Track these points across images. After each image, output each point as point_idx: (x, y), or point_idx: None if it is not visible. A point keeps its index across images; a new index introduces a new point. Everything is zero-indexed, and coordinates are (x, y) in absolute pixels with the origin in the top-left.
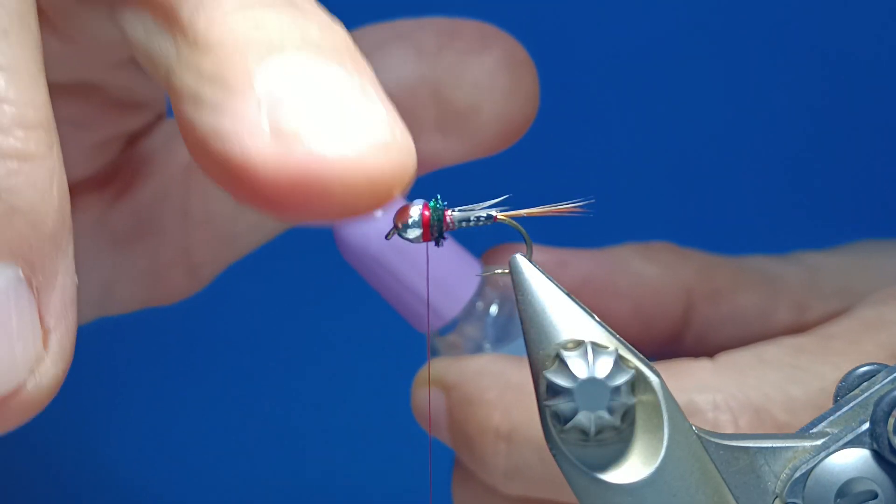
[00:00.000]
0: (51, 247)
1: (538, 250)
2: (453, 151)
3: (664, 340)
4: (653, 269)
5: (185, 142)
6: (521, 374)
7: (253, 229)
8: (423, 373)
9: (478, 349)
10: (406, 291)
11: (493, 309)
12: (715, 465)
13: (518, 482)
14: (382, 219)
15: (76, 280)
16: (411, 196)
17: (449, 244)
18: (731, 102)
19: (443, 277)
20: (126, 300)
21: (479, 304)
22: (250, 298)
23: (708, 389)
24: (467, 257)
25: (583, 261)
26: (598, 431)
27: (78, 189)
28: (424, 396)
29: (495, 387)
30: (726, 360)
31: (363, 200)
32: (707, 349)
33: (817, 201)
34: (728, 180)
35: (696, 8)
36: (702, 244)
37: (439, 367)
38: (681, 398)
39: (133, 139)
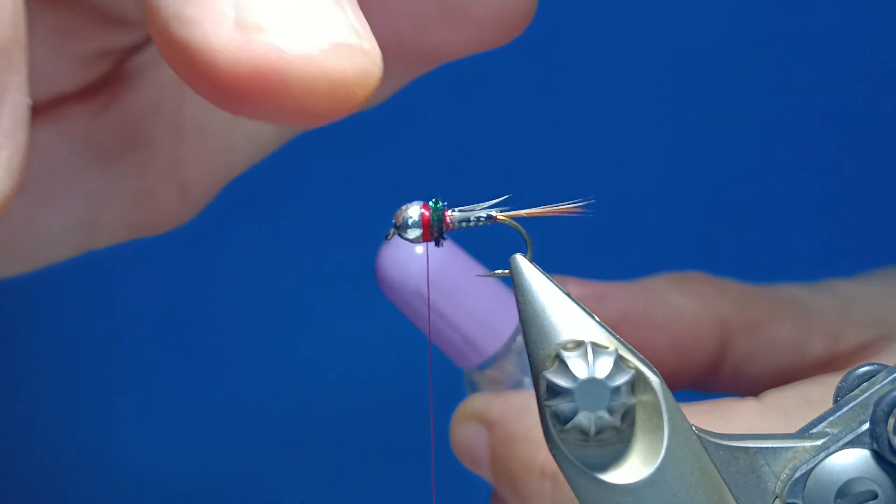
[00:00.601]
0: (1, 61)
1: (576, 283)
2: (458, 43)
3: (701, 372)
4: (690, 302)
5: (150, 28)
6: None
7: (247, 141)
8: (463, 408)
9: (517, 385)
10: (447, 327)
11: None
12: (715, 465)
13: None
14: (423, 255)
15: (30, 102)
16: (412, 197)
17: (490, 281)
18: (751, 119)
19: (483, 313)
20: (114, 225)
21: (519, 340)
22: (271, 306)
23: (756, 431)
24: (508, 293)
25: (621, 294)
26: (598, 431)
27: (64, 102)
28: (465, 432)
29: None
30: (772, 401)
31: (322, 102)
32: (743, 380)
33: (842, 225)
34: (734, 192)
35: (723, 18)
36: (705, 246)
37: (481, 402)
38: None
39: (122, 57)
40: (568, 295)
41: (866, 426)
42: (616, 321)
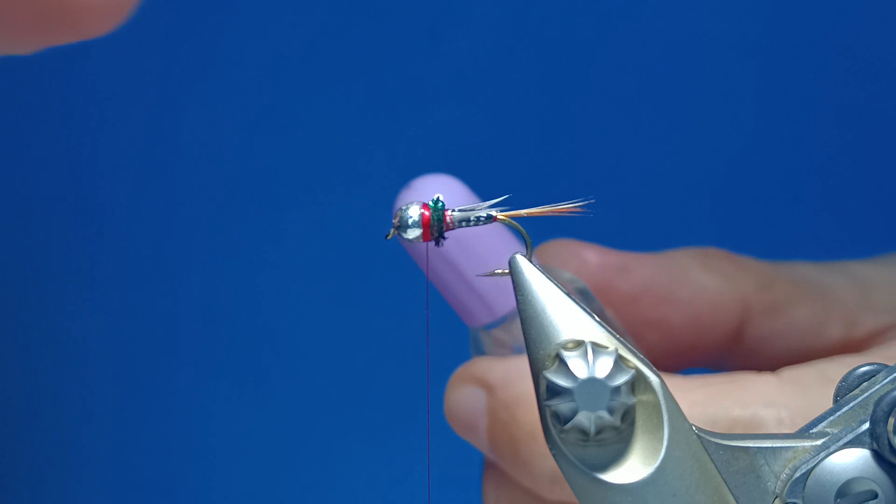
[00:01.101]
0: None
1: (598, 252)
2: None
3: (717, 350)
4: (713, 280)
5: None
6: None
7: None
8: (461, 372)
9: (522, 351)
10: (461, 282)
11: None
12: (715, 465)
13: (565, 487)
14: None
15: None
16: (412, 197)
17: (509, 241)
18: (756, 101)
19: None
20: (30, 22)
21: None
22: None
23: (773, 405)
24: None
25: (644, 267)
26: (598, 431)
27: None
28: (461, 395)
29: None
30: (790, 376)
31: None
32: (758, 360)
33: (854, 208)
34: (734, 176)
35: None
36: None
37: (481, 365)
38: (745, 412)
39: None
40: (568, 295)
41: (866, 426)
42: (637, 294)
